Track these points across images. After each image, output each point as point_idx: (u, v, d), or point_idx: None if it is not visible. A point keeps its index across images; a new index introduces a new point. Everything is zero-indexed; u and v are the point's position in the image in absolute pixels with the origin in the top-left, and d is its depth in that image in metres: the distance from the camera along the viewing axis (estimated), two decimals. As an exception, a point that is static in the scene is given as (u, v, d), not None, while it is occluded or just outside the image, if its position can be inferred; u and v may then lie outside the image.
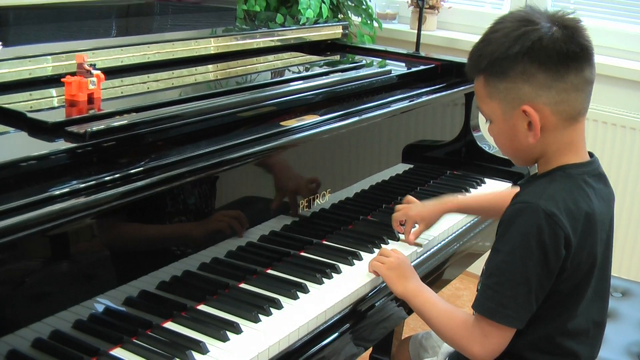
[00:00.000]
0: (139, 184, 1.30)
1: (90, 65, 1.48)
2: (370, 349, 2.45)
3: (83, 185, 1.23)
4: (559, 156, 1.42)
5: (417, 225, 1.86)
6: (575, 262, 1.38)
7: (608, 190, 1.48)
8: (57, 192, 1.19)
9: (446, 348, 1.72)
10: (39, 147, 1.28)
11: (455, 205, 1.92)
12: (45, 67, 1.60)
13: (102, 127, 1.35)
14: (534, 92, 1.37)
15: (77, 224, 1.24)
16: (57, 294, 1.25)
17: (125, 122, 1.40)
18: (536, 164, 1.48)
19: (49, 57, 1.61)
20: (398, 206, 1.90)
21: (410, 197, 1.92)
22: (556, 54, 1.35)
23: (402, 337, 2.26)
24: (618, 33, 3.28)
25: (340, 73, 2.03)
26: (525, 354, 1.46)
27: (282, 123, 1.68)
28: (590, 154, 1.48)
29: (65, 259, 1.25)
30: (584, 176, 1.42)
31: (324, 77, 1.95)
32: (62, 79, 1.48)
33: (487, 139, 2.45)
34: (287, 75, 2.02)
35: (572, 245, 1.36)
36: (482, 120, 2.40)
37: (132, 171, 1.31)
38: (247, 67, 2.02)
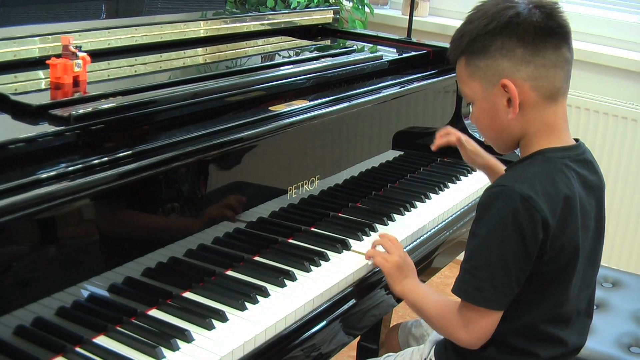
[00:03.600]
0: (126, 167, 1.29)
1: (76, 47, 1.46)
2: (359, 336, 2.44)
3: (71, 168, 1.22)
4: (540, 138, 1.43)
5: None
6: (557, 245, 1.38)
7: (596, 177, 1.47)
8: (44, 176, 1.18)
9: (434, 336, 1.71)
10: (22, 130, 1.26)
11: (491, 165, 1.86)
12: (31, 48, 1.57)
13: (87, 110, 1.33)
14: (513, 66, 1.38)
15: (63, 209, 1.21)
16: (40, 280, 1.22)
17: (110, 105, 1.38)
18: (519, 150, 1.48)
19: (35, 38, 1.58)
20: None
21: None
22: (534, 29, 1.37)
23: (391, 325, 2.25)
24: (610, 22, 3.26)
25: (330, 58, 2.01)
26: (511, 340, 1.46)
27: (271, 108, 1.66)
28: (576, 140, 1.48)
29: (49, 244, 1.23)
30: (564, 160, 1.41)
31: (314, 62, 1.94)
32: (47, 61, 1.45)
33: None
34: (277, 59, 2.00)
35: (550, 227, 1.35)
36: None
37: (118, 155, 1.30)
38: (237, 51, 2.00)
